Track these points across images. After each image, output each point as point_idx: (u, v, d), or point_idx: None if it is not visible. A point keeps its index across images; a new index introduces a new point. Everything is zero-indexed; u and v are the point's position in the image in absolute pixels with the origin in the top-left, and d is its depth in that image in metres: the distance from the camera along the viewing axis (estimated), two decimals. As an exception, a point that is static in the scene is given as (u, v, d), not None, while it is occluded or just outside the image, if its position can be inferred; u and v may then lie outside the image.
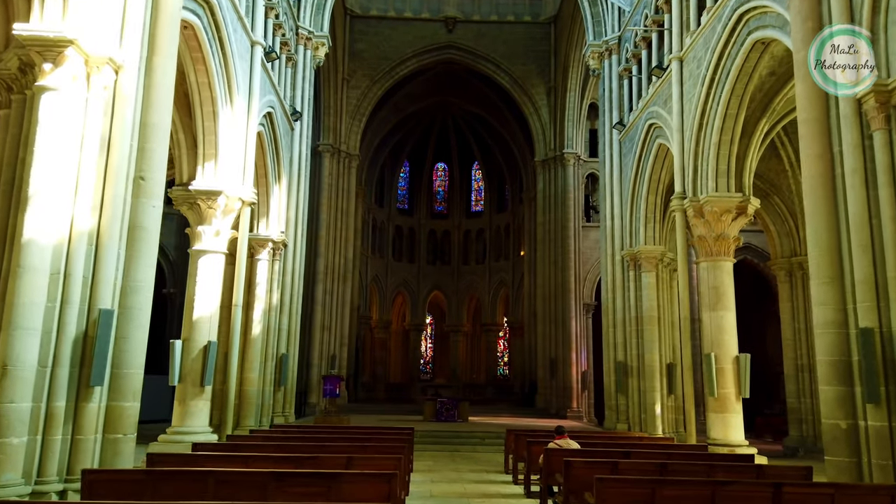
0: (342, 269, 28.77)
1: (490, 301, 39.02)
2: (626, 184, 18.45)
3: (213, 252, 13.02)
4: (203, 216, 12.99)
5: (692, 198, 13.56)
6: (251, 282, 17.37)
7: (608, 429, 18.47)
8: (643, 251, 17.65)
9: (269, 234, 17.41)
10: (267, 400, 17.28)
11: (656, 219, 17.81)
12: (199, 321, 12.72)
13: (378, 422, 21.00)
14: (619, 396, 18.05)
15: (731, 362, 12.94)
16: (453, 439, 18.03)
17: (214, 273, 13.03)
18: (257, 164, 16.85)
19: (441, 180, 42.29)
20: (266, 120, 16.16)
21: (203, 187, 12.81)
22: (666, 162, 16.91)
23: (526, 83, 30.10)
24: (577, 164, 28.92)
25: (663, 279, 18.19)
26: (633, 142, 18.06)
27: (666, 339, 17.87)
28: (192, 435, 12.30)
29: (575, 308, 27.63)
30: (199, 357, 12.61)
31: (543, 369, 28.80)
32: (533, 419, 25.59)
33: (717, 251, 13.35)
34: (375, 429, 13.66)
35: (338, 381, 18.63)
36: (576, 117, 28.97)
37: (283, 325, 18.03)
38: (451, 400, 22.70)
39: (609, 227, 19.08)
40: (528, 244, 33.68)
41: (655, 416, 17.01)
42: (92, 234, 7.54)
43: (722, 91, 12.82)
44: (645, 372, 17.37)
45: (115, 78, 7.89)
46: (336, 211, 28.69)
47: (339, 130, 29.03)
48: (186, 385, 12.57)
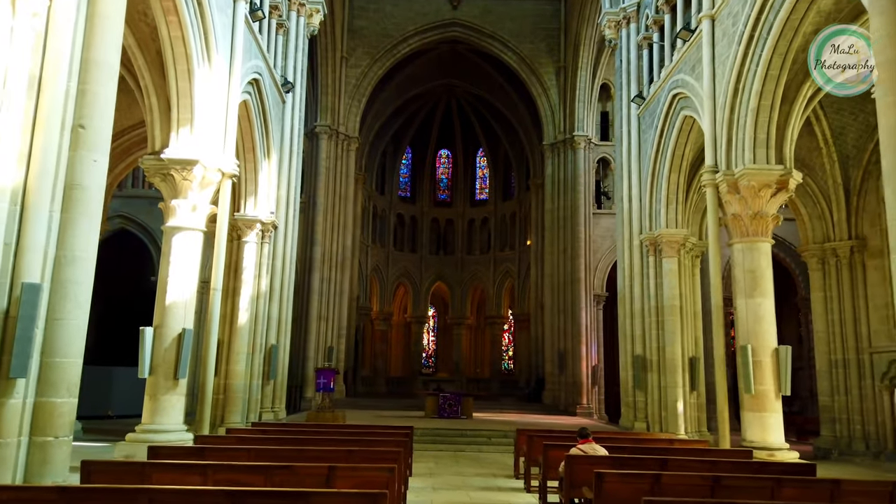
0: (340, 256, 27.34)
1: (495, 292, 37.60)
2: (646, 162, 16.97)
3: (188, 229, 11.58)
4: (177, 189, 11.56)
5: (726, 171, 12.08)
6: (237, 266, 16.00)
7: (624, 428, 17.05)
8: (664, 235, 16.19)
9: (258, 215, 15.99)
10: (254, 395, 15.89)
11: (678, 200, 16.34)
12: (172, 307, 11.32)
13: (375, 418, 19.62)
14: (636, 393, 16.62)
15: (769, 355, 11.49)
16: (457, 438, 16.63)
17: (190, 253, 11.61)
18: (244, 138, 15.46)
19: (444, 167, 40.83)
20: (252, 88, 14.72)
21: (177, 156, 11.37)
22: (691, 136, 15.45)
23: (534, 62, 28.56)
24: (588, 148, 27.40)
25: (685, 265, 16.74)
26: (653, 116, 16.58)
27: (688, 331, 16.45)
28: (163, 434, 10.92)
29: (585, 299, 26.17)
30: (173, 347, 11.20)
31: (551, 363, 27.36)
32: (541, 415, 24.20)
33: (753, 231, 11.88)
34: (369, 428, 12.24)
35: (332, 374, 17.23)
36: (587, 98, 27.43)
37: (273, 313, 16.62)
38: (454, 395, 21.30)
39: (626, 209, 17.61)
40: (536, 233, 32.23)
41: (677, 414, 15.59)
42: (16, 191, 6.14)
43: (762, 49, 11.34)
44: (666, 366, 15.94)
45: (48, 4, 6.47)
46: (334, 196, 27.26)
47: (338, 111, 27.55)
48: (158, 378, 11.17)
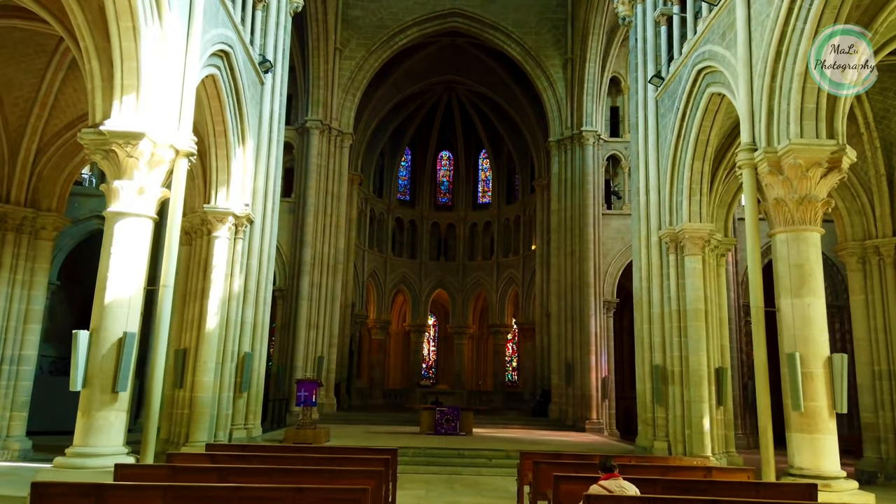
0: (332, 259, 25.58)
1: (498, 300, 35.73)
2: (665, 150, 15.17)
3: (133, 215, 9.81)
4: (121, 167, 9.81)
5: (767, 149, 10.26)
6: (207, 264, 14.24)
7: (642, 448, 15.15)
8: (687, 230, 14.36)
9: (230, 207, 14.22)
10: (225, 409, 14.08)
11: (702, 191, 14.52)
12: (112, 306, 9.53)
13: (364, 435, 17.78)
14: (656, 408, 14.74)
15: (822, 365, 9.65)
16: (453, 459, 14.77)
17: (136, 243, 9.84)
18: (213, 119, 13.75)
19: (445, 170, 39.11)
20: (222, 62, 12.99)
21: (119, 127, 9.62)
22: (717, 118, 13.67)
23: (540, 54, 26.86)
24: (597, 144, 25.64)
25: (710, 265, 14.91)
26: (673, 97, 14.81)
27: (713, 338, 14.60)
28: (97, 458, 9.14)
29: (595, 305, 24.31)
30: (112, 354, 9.42)
31: (558, 375, 25.45)
32: (547, 431, 22.33)
33: (800, 218, 10.07)
34: (346, 452, 10.35)
35: (314, 386, 15.40)
36: (595, 91, 25.68)
37: (248, 317, 14.83)
38: (452, 409, 19.45)
39: (643, 202, 15.79)
40: (541, 236, 30.42)
41: (703, 432, 13.69)
42: None
43: (811, 3, 9.58)
44: (689, 378, 14.06)
45: None
46: (325, 195, 25.54)
47: (331, 105, 25.88)
48: (93, 391, 9.38)
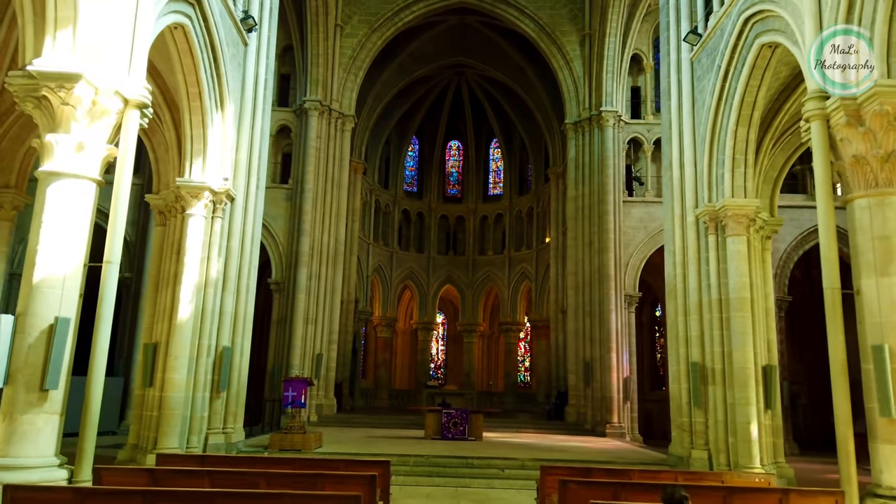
0: (332, 250, 23.81)
1: (510, 296, 33.85)
2: (703, 116, 13.29)
3: (71, 176, 8.09)
4: (56, 118, 8.08)
5: (843, 95, 8.39)
6: (180, 246, 12.52)
7: (677, 457, 13.25)
8: (729, 207, 12.46)
9: (206, 181, 12.48)
10: (199, 411, 12.34)
11: (747, 162, 12.62)
12: (42, 286, 7.80)
13: (362, 440, 16.00)
14: (694, 411, 12.84)
15: (916, 360, 7.78)
16: (461, 469, 12.92)
17: (75, 210, 8.11)
18: (186, 78, 12.02)
19: (455, 160, 37.28)
20: (193, 10, 11.22)
21: (51, 68, 7.89)
22: (767, 75, 11.78)
23: (555, 31, 24.98)
24: (618, 126, 23.72)
25: (755, 248, 13.01)
26: (713, 55, 12.93)
27: (760, 332, 12.71)
28: (19, 471, 7.41)
29: (615, 299, 22.39)
30: (41, 344, 7.70)
31: (575, 375, 23.55)
32: (564, 436, 20.44)
33: (885, 179, 8.18)
34: (326, 466, 8.50)
35: (304, 385, 13.62)
36: (616, 68, 23.78)
37: (227, 307, 13.07)
38: (460, 412, 17.62)
39: (677, 178, 13.91)
40: (556, 227, 28.55)
41: (750, 440, 11.79)
42: None
43: None
44: (733, 377, 12.17)
45: None
46: (325, 181, 23.78)
47: (331, 85, 24.12)
48: (17, 388, 7.66)
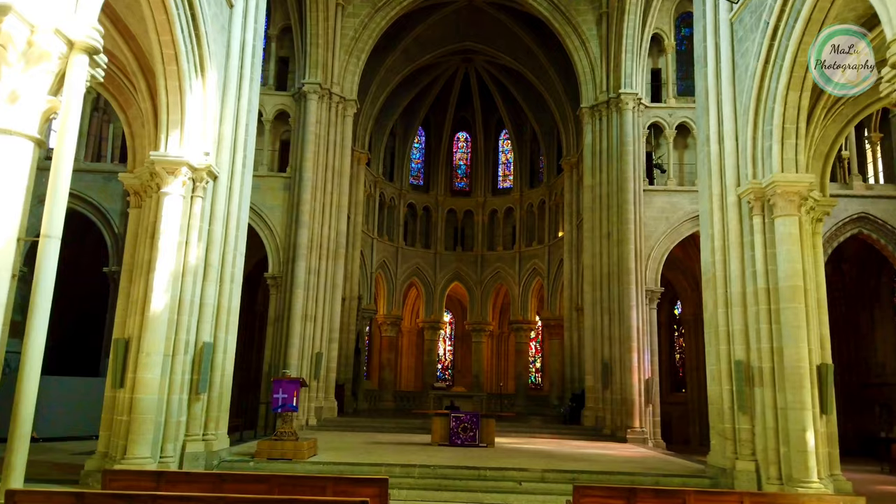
0: (333, 243, 22.39)
1: (520, 294, 32.34)
2: (747, 82, 11.75)
3: (2, 132, 6.68)
4: (-18, 61, 6.67)
5: (943, 31, 6.88)
6: (154, 229, 11.08)
7: (718, 468, 11.68)
8: (778, 184, 10.92)
9: (184, 156, 11.03)
10: (176, 415, 10.88)
11: (798, 132, 11.08)
12: (-36, 263, 6.37)
13: (363, 447, 14.52)
14: (738, 417, 11.29)
15: None
16: (472, 482, 11.39)
17: (7, 173, 6.69)
18: (160, 37, 10.59)
19: (462, 152, 35.82)
20: (166, -45, 9.86)
21: (-27, -1, 6.50)
22: (824, 29, 10.24)
23: (570, 9, 23.49)
24: (638, 110, 22.18)
25: (806, 231, 11.46)
26: (758, 12, 11.41)
27: (813, 326, 11.16)
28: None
29: (636, 295, 20.84)
30: (-40, 334, 6.27)
31: (593, 376, 22.00)
32: (583, 442, 18.92)
33: None
34: (309, 488, 7.05)
35: (295, 386, 12.16)
36: (635, 48, 22.24)
37: (209, 298, 11.60)
38: (470, 416, 16.14)
39: (715, 153, 12.38)
40: (570, 221, 27.03)
41: (806, 450, 10.22)
42: None
43: None
44: (785, 377, 10.61)
45: None
46: (325, 169, 22.35)
47: (331, 68, 22.70)
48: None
